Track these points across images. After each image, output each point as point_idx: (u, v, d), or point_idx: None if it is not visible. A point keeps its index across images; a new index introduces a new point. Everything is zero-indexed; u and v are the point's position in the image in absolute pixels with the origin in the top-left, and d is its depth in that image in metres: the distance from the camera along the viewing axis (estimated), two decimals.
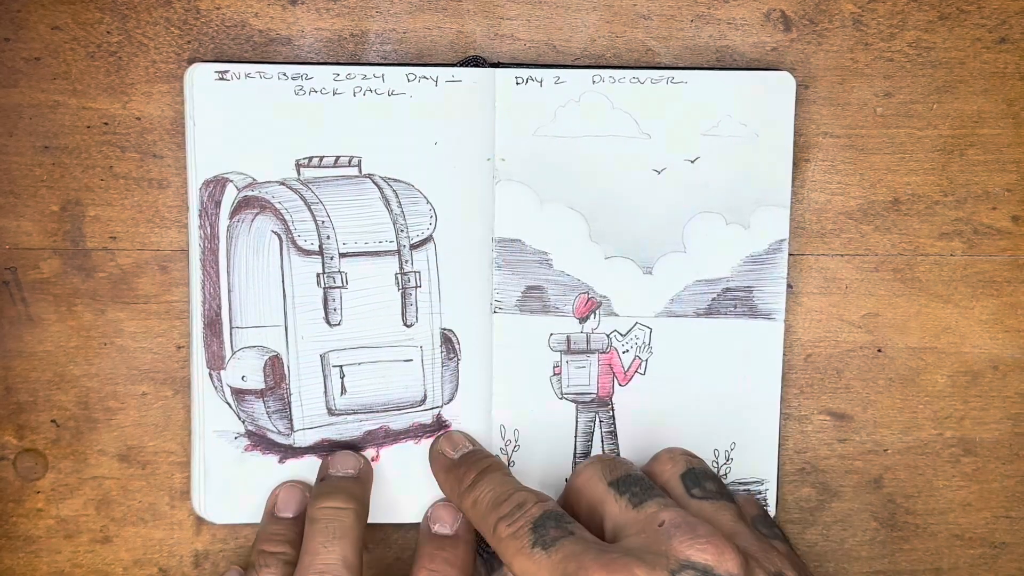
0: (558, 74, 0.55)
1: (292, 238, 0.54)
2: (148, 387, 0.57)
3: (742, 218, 0.55)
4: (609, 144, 0.55)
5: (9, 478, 0.57)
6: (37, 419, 0.57)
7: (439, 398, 0.56)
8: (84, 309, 0.56)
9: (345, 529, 0.52)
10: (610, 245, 0.55)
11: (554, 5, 0.55)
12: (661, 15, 0.56)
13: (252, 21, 0.55)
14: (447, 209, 0.55)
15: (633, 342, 0.56)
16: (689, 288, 0.56)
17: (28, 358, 0.56)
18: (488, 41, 0.55)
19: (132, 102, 0.55)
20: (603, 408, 0.56)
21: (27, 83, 0.55)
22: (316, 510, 0.53)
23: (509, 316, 0.56)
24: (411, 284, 0.55)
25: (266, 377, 0.55)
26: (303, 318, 0.55)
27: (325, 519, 0.52)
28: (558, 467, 0.57)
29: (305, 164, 0.54)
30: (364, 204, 0.55)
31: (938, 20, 0.56)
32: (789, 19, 0.56)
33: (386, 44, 0.55)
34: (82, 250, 0.56)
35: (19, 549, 0.57)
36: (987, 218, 0.57)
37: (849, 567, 0.58)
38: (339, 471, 0.55)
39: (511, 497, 0.50)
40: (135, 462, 0.57)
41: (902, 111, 0.56)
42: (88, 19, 0.55)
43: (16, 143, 0.55)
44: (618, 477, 0.50)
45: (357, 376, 0.56)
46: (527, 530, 0.48)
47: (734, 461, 0.56)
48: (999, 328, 0.57)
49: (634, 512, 0.48)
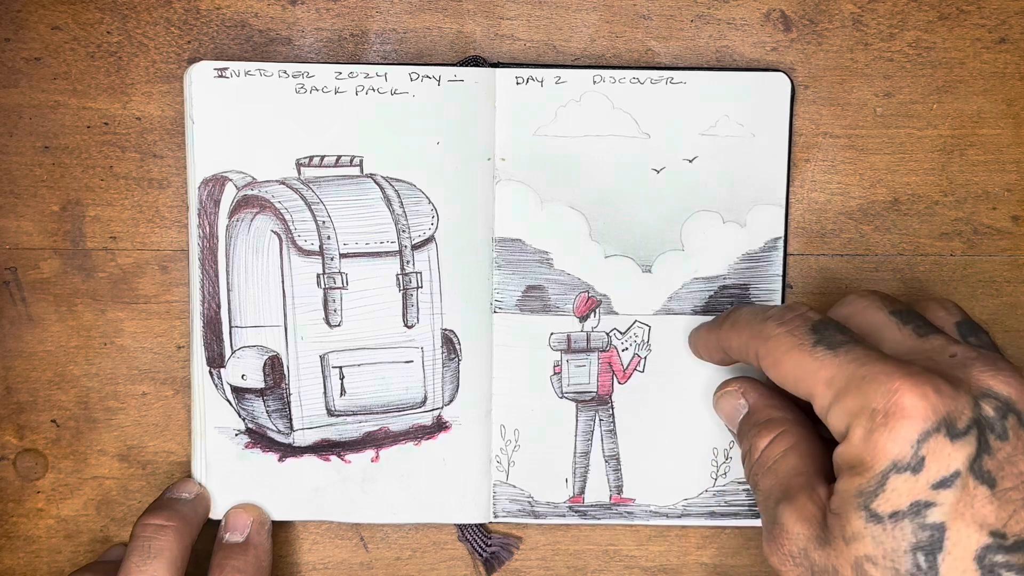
0: (558, 74, 0.55)
1: (292, 238, 0.54)
2: (148, 387, 0.57)
3: (739, 217, 0.55)
4: (609, 144, 0.55)
5: (9, 478, 0.57)
6: (37, 419, 0.57)
7: (439, 399, 0.56)
8: (84, 309, 0.56)
9: (160, 548, 0.51)
10: (610, 244, 0.55)
11: (554, 5, 0.55)
12: (661, 15, 0.56)
13: (252, 21, 0.55)
14: (448, 209, 0.55)
15: (632, 340, 0.56)
16: (687, 286, 0.56)
17: (28, 358, 0.56)
18: (488, 41, 0.56)
19: (132, 102, 0.55)
20: (603, 407, 0.56)
21: (27, 83, 0.55)
22: (137, 527, 0.52)
23: (509, 316, 0.56)
24: (412, 285, 0.55)
25: (266, 376, 0.55)
26: (303, 319, 0.55)
27: (143, 536, 0.52)
28: (558, 467, 0.57)
29: (306, 163, 0.54)
30: (365, 204, 0.55)
31: (938, 20, 0.56)
32: (789, 19, 0.56)
33: (386, 44, 0.55)
34: (82, 250, 0.56)
35: (19, 549, 0.57)
36: (987, 218, 0.57)
37: None
38: (173, 493, 0.55)
39: (779, 307, 0.48)
40: (135, 462, 0.57)
41: (902, 111, 0.56)
42: (88, 19, 0.55)
43: (16, 143, 0.55)
44: (899, 309, 0.49)
45: (357, 377, 0.56)
46: (805, 329, 0.46)
47: (734, 460, 0.56)
48: (999, 328, 0.57)
49: (919, 341, 0.47)
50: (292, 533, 0.58)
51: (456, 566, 0.58)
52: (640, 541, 0.58)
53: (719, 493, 0.57)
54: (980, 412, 0.43)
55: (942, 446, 0.42)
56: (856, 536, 0.43)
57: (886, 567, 0.43)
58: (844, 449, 0.44)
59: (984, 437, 0.42)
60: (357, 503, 0.56)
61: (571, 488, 0.57)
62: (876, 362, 0.44)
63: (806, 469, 0.47)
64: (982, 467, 0.42)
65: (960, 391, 0.43)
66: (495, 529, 0.58)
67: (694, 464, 0.57)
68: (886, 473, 0.42)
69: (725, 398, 0.54)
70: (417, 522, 0.57)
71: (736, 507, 0.57)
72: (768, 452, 0.49)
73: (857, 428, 0.43)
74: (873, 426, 0.43)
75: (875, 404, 0.43)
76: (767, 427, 0.50)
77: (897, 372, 0.43)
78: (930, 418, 0.42)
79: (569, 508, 0.57)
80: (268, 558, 0.55)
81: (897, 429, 0.42)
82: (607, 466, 0.56)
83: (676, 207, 0.55)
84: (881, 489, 0.43)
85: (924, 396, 0.42)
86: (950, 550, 0.42)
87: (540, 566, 0.58)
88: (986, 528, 0.42)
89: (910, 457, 0.42)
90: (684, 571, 0.58)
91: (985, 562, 0.42)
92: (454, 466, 0.56)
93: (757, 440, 0.50)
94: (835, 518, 0.44)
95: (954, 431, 0.42)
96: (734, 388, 0.54)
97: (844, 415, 0.44)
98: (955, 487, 0.42)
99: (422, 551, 0.58)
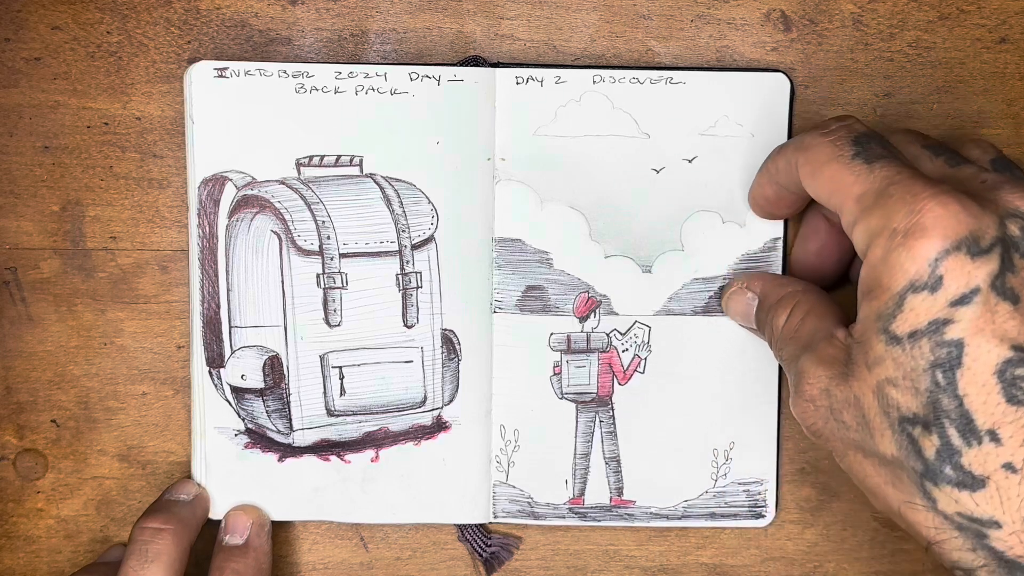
0: (558, 74, 0.55)
1: (292, 238, 0.54)
2: (148, 387, 0.57)
3: (738, 217, 0.55)
4: (609, 144, 0.55)
5: (9, 478, 0.57)
6: (37, 419, 0.57)
7: (439, 399, 0.56)
8: (84, 309, 0.56)
9: (157, 552, 0.51)
10: (610, 244, 0.55)
11: (554, 5, 0.55)
12: (661, 15, 0.56)
13: (252, 21, 0.55)
14: (448, 209, 0.55)
15: (632, 341, 0.56)
16: (687, 286, 0.56)
17: (28, 358, 0.56)
18: (488, 41, 0.56)
19: (132, 102, 0.55)
20: (603, 408, 0.56)
21: (27, 83, 0.55)
22: (135, 530, 0.52)
23: (509, 316, 0.56)
24: (412, 285, 0.55)
25: (265, 376, 0.55)
26: (302, 319, 0.55)
27: (141, 540, 0.52)
28: (558, 468, 0.57)
29: (305, 163, 0.54)
30: (365, 204, 0.55)
31: (938, 20, 0.56)
32: (789, 19, 0.56)
33: (386, 44, 0.55)
34: (82, 250, 0.56)
35: (19, 549, 0.57)
36: None
37: (849, 567, 0.58)
38: (172, 495, 0.55)
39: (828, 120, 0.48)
40: (135, 462, 0.57)
41: (902, 111, 0.56)
42: (88, 19, 0.55)
43: (16, 143, 0.55)
44: (932, 143, 0.49)
45: (356, 377, 0.56)
46: (848, 140, 0.46)
47: (733, 461, 0.56)
48: None
49: (951, 170, 0.46)
50: (292, 533, 0.58)
51: (456, 566, 0.58)
52: (640, 541, 0.58)
53: (719, 494, 0.57)
54: (1005, 231, 0.43)
55: (961, 264, 0.42)
56: (877, 360, 0.43)
57: (906, 388, 0.43)
58: (864, 272, 0.44)
59: (1008, 255, 0.42)
60: (357, 503, 0.56)
61: (571, 490, 0.57)
62: (906, 180, 0.43)
63: (824, 325, 0.47)
64: (1005, 284, 0.42)
65: (986, 211, 0.43)
66: (495, 529, 0.58)
67: (694, 465, 0.57)
68: (903, 294, 0.42)
69: (733, 298, 0.54)
70: (417, 522, 0.57)
71: (736, 508, 0.57)
72: (788, 325, 0.50)
73: (876, 248, 0.43)
74: (892, 246, 0.43)
75: (896, 223, 0.43)
76: (781, 304, 0.51)
77: (925, 191, 0.43)
78: (950, 237, 0.42)
79: (569, 510, 0.57)
80: (268, 560, 0.55)
81: (915, 248, 0.42)
82: (607, 467, 0.56)
83: (676, 207, 0.55)
84: (899, 310, 0.42)
85: (947, 214, 0.42)
86: (969, 365, 0.41)
87: (540, 566, 0.58)
88: (1007, 342, 0.41)
89: (927, 276, 0.42)
90: (684, 571, 0.58)
91: (1006, 376, 0.41)
92: (454, 466, 0.56)
93: (775, 320, 0.50)
94: (858, 347, 0.44)
95: (975, 249, 0.42)
96: (738, 284, 0.54)
97: (866, 233, 0.44)
98: (974, 304, 0.42)
99: (422, 551, 0.58)
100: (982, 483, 0.41)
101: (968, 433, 0.42)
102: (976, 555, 0.42)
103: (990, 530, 0.42)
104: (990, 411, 0.41)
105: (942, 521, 0.43)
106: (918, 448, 0.43)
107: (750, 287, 0.53)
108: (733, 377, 0.56)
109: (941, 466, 0.42)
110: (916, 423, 0.42)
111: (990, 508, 0.41)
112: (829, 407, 0.45)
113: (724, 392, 0.56)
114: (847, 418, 0.45)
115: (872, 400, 0.44)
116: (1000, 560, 0.42)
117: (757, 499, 0.57)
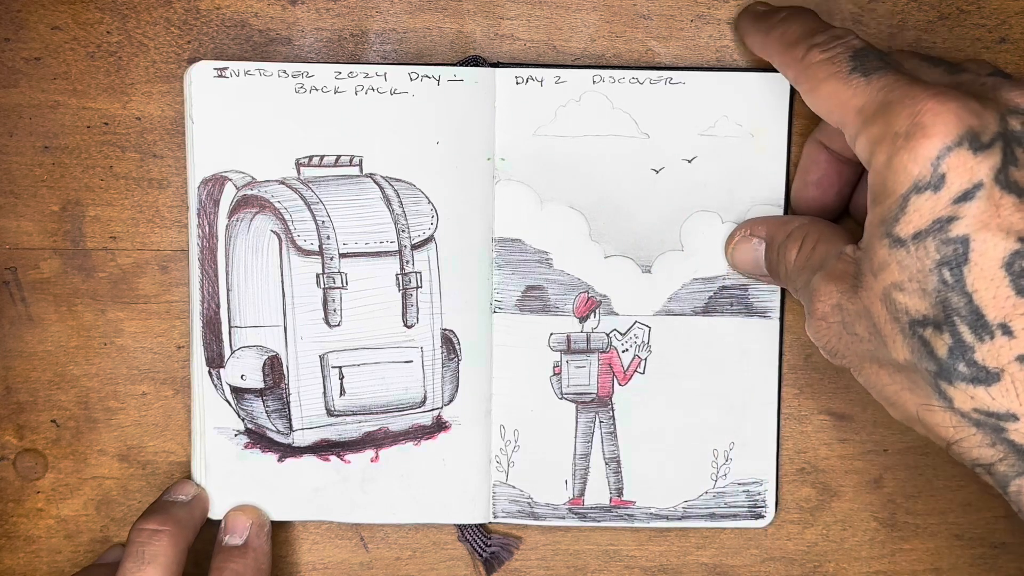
0: (558, 74, 0.55)
1: (292, 238, 0.54)
2: (148, 387, 0.57)
3: (738, 217, 0.55)
4: (609, 144, 0.55)
5: (9, 478, 0.57)
6: (37, 419, 0.57)
7: (439, 399, 0.56)
8: (84, 309, 0.56)
9: (154, 554, 0.51)
10: (610, 244, 0.55)
11: (554, 5, 0.55)
12: (661, 15, 0.56)
13: (252, 21, 0.55)
14: (447, 209, 0.55)
15: (632, 341, 0.56)
16: (687, 287, 0.56)
17: (28, 358, 0.56)
18: (488, 41, 0.56)
19: (132, 102, 0.55)
20: (603, 408, 0.56)
21: (27, 83, 0.55)
22: (132, 532, 0.52)
23: (509, 316, 0.56)
24: (412, 285, 0.55)
25: (265, 377, 0.55)
26: (302, 319, 0.55)
27: (138, 541, 0.52)
28: (558, 468, 0.57)
29: (305, 163, 0.54)
30: (365, 204, 0.55)
31: (938, 20, 0.56)
32: None
33: (386, 44, 0.55)
34: (82, 250, 0.56)
35: (19, 549, 0.57)
36: None
37: (849, 567, 0.58)
38: (170, 496, 0.55)
39: (828, 30, 0.48)
40: (135, 462, 0.57)
41: None
42: (88, 19, 0.55)
43: (16, 143, 0.55)
44: (930, 56, 0.49)
45: (356, 377, 0.56)
46: (845, 57, 0.46)
47: (733, 461, 0.56)
48: None
49: (951, 77, 0.46)
50: (292, 533, 0.58)
51: (456, 566, 0.58)
52: (640, 541, 0.58)
53: (719, 494, 0.57)
54: (1007, 126, 0.42)
55: (964, 159, 0.41)
56: (882, 266, 0.43)
57: (913, 290, 0.42)
58: (870, 181, 0.44)
59: (1010, 149, 0.42)
60: (357, 503, 0.56)
61: (571, 490, 0.57)
62: (905, 86, 0.43)
63: (835, 247, 0.47)
64: (1008, 177, 0.41)
65: (987, 108, 0.42)
66: (495, 529, 0.58)
67: (694, 465, 0.57)
68: (907, 195, 0.42)
69: (739, 247, 0.54)
70: (417, 522, 0.57)
71: (736, 508, 0.57)
72: (800, 257, 0.49)
73: (880, 154, 0.43)
74: (894, 149, 0.42)
75: (897, 128, 0.42)
76: (791, 239, 0.50)
77: (924, 94, 0.42)
78: (951, 134, 0.42)
79: (569, 510, 0.57)
80: (267, 560, 0.55)
81: (916, 149, 0.42)
82: (607, 468, 0.56)
83: (676, 207, 0.55)
84: (902, 212, 0.42)
85: (947, 111, 0.42)
86: (976, 261, 0.41)
87: (540, 566, 0.58)
88: (1014, 234, 0.41)
89: (930, 175, 0.42)
90: (684, 571, 0.58)
91: (1014, 268, 0.41)
92: (454, 466, 0.56)
93: (787, 256, 0.50)
94: (863, 255, 0.44)
95: (977, 144, 0.42)
96: (742, 233, 0.54)
97: (869, 143, 0.44)
98: (978, 199, 0.41)
99: (422, 551, 0.58)
100: (997, 377, 0.41)
101: (980, 328, 0.41)
102: (995, 450, 0.42)
103: (1007, 423, 0.41)
104: (1000, 305, 0.41)
105: (959, 419, 0.42)
106: (930, 349, 0.42)
107: (754, 232, 0.53)
108: (733, 377, 0.56)
109: (955, 364, 0.42)
110: (926, 324, 0.42)
111: (1006, 401, 0.41)
112: (842, 322, 0.45)
113: (724, 392, 0.56)
114: (860, 330, 0.45)
115: (880, 308, 0.43)
116: (1019, 452, 0.42)
117: (757, 499, 0.57)
